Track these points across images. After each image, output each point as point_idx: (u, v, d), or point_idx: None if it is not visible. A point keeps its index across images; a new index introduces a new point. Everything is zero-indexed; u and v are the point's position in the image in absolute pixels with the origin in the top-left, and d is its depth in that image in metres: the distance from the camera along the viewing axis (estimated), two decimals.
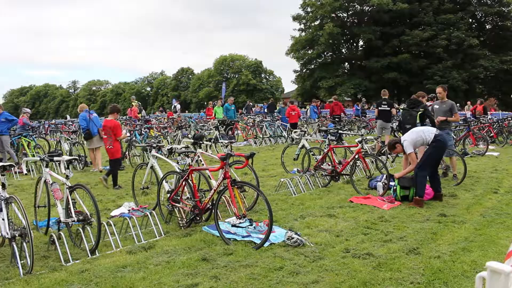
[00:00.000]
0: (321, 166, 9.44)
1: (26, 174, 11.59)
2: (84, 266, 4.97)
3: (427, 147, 7.60)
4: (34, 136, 14.95)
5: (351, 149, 10.05)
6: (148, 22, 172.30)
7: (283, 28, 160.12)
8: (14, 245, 4.92)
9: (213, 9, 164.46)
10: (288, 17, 77.41)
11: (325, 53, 50.63)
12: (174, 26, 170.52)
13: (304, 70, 52.95)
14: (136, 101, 23.86)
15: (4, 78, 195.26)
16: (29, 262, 4.81)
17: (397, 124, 12.91)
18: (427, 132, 7.66)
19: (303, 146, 10.59)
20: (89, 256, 5.30)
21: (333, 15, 48.32)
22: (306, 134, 11.06)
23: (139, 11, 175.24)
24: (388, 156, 11.40)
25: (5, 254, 5.49)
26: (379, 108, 13.21)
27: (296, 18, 50.90)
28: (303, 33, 51.46)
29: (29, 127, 15.99)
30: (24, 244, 4.93)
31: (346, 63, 53.10)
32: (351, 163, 8.96)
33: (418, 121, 9.29)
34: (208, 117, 23.92)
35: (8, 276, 4.74)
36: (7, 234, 4.99)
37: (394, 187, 7.74)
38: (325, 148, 9.68)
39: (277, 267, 4.77)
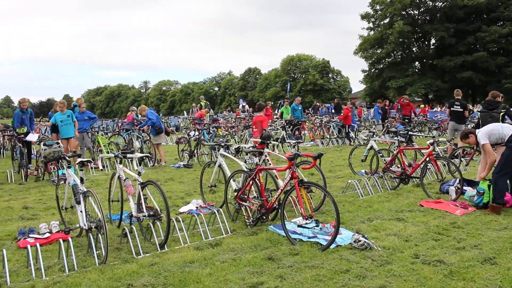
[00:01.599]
0: (390, 168, 9.19)
1: (101, 169, 12.21)
2: (153, 260, 5.15)
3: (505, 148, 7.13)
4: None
5: (422, 151, 9.71)
6: (216, 23, 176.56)
7: (351, 27, 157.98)
8: (91, 236, 5.21)
9: (280, 9, 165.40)
10: (357, 16, 75.77)
11: (395, 52, 49.06)
12: (242, 27, 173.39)
13: (372, 70, 51.67)
14: (205, 101, 24.36)
15: (82, 79, 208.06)
16: (103, 253, 5.06)
17: (472, 126, 12.30)
18: (506, 128, 7.13)
19: (371, 148, 10.38)
20: (159, 250, 5.48)
21: (403, 12, 46.75)
22: (374, 135, 10.82)
23: (207, 12, 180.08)
24: (462, 159, 10.89)
25: (82, 244, 5.80)
26: (452, 109, 12.67)
27: (365, 16, 49.76)
28: (372, 32, 50.21)
29: (138, 122, 16.83)
30: (100, 235, 5.18)
31: (417, 62, 51.14)
32: (421, 165, 8.66)
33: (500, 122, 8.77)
34: (275, 117, 23.90)
35: (85, 265, 5.02)
36: (85, 225, 5.29)
37: (481, 191, 7.20)
38: (394, 150, 9.43)
39: (343, 269, 4.70)
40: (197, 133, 14.37)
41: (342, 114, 19.50)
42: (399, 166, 9.10)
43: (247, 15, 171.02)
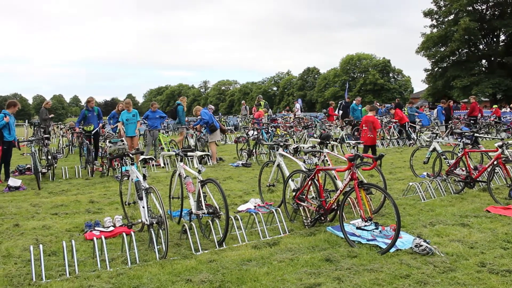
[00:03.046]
0: (454, 171, 8.84)
1: (162, 167, 12.57)
2: (212, 257, 5.23)
3: None
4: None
5: (489, 154, 9.25)
6: (274, 22, 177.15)
7: (413, 25, 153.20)
8: (152, 231, 5.37)
9: (339, 7, 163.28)
10: (419, 13, 73.55)
11: (460, 50, 47.10)
12: (300, 26, 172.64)
13: (435, 69, 49.94)
14: (264, 101, 24.43)
15: (144, 78, 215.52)
16: (164, 248, 5.20)
17: None
18: None
19: (434, 149, 10.03)
20: (217, 248, 5.56)
21: (469, 8, 44.75)
22: (437, 137, 10.44)
23: (266, 12, 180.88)
24: None
25: (144, 238, 6.00)
26: None
27: (428, 13, 48.14)
28: (435, 30, 48.49)
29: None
30: (161, 231, 5.33)
31: (484, 61, 48.80)
32: (489, 169, 8.25)
33: None
34: (335, 117, 23.53)
35: (146, 259, 5.17)
36: (146, 220, 5.46)
37: None
38: (459, 152, 9.06)
39: (403, 274, 4.56)
40: (255, 132, 14.46)
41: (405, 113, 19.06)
42: (463, 169, 8.74)
43: (305, 14, 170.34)
